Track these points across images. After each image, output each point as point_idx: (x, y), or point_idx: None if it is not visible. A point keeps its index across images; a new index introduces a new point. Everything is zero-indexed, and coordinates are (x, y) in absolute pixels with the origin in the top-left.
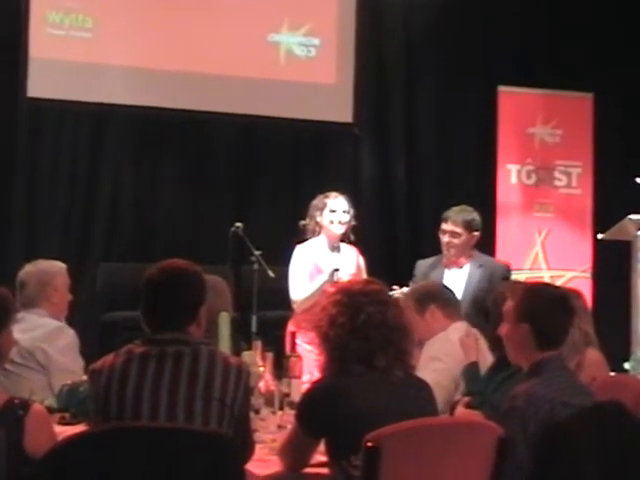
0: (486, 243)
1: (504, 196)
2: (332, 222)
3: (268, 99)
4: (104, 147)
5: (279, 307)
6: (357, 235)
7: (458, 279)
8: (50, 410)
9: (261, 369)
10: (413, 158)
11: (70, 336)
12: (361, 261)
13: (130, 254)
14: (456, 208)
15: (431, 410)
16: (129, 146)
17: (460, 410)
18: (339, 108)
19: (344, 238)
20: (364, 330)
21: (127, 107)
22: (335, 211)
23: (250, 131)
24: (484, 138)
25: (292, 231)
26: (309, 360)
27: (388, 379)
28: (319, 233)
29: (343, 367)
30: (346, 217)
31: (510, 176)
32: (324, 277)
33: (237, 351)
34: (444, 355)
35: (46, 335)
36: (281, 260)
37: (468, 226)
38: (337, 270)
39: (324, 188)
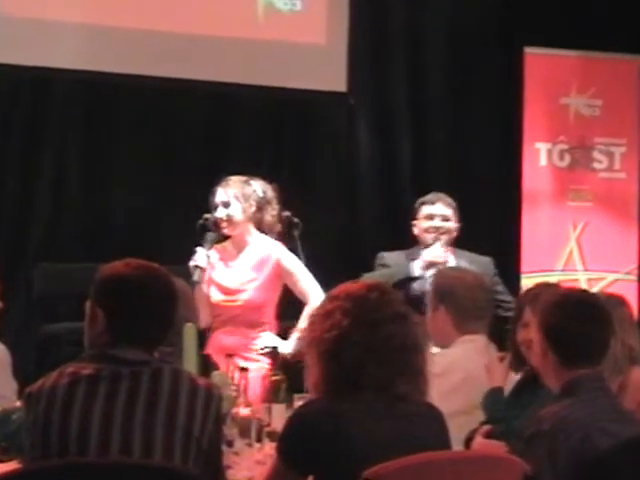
0: (509, 239)
1: (531, 181)
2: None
3: (244, 63)
4: (45, 121)
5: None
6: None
7: None
8: None
9: (234, 392)
10: (420, 135)
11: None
12: (286, 262)
13: (75, 252)
14: (433, 194)
15: (446, 445)
16: (76, 120)
17: (478, 441)
18: (330, 74)
19: (265, 231)
20: (383, 353)
21: (74, 72)
22: (215, 207)
23: (223, 102)
24: (507, 111)
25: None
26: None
27: (402, 407)
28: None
29: (350, 391)
30: (226, 211)
31: (539, 157)
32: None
33: (206, 370)
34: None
35: None
36: None
37: (456, 213)
38: None
39: (312, 171)
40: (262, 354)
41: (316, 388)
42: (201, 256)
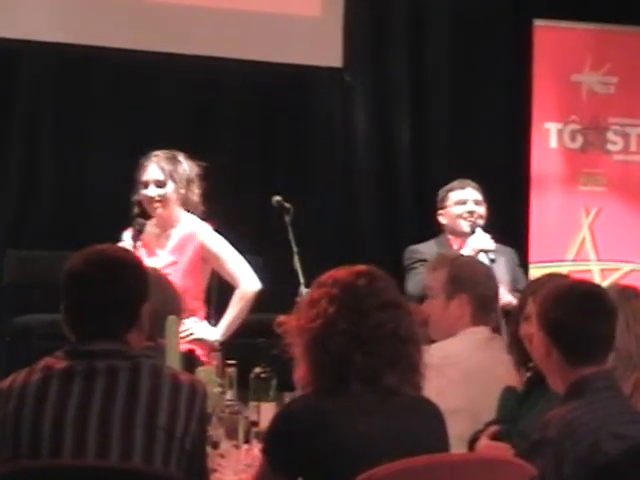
0: (516, 226)
1: (540, 164)
2: (146, 202)
3: (231, 35)
4: (15, 96)
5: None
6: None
7: (498, 269)
8: None
9: (220, 389)
10: (420, 115)
11: None
12: (212, 244)
13: (47, 238)
14: (458, 180)
15: (442, 442)
16: (48, 96)
17: (483, 443)
18: (325, 48)
19: (191, 211)
20: (371, 343)
21: (46, 45)
22: (146, 185)
23: (207, 79)
24: (515, 88)
25: (262, 211)
26: None
27: (391, 402)
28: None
29: (338, 383)
30: (160, 191)
31: (549, 138)
32: None
33: (190, 366)
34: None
35: None
36: (248, 247)
37: (484, 199)
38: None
39: (304, 154)
40: (189, 342)
41: (303, 381)
42: (127, 243)
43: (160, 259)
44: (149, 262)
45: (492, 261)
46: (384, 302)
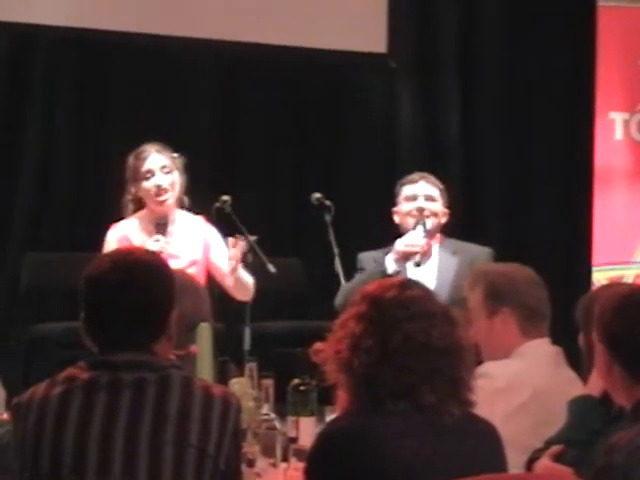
0: (578, 226)
1: (605, 158)
2: (152, 192)
3: (268, 21)
4: (30, 88)
5: (281, 316)
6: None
7: (426, 273)
8: None
9: (255, 403)
10: (472, 103)
11: None
12: (213, 236)
13: (68, 240)
14: (415, 173)
15: (498, 464)
16: (65, 87)
17: (543, 464)
18: (368, 33)
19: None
20: (401, 357)
21: (62, 30)
22: (152, 173)
23: (239, 66)
24: (576, 74)
25: (299, 209)
26: None
27: (438, 421)
28: (138, 210)
29: (374, 404)
30: (168, 178)
31: (614, 129)
32: None
33: (223, 377)
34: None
35: None
36: (285, 249)
37: (443, 195)
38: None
39: (346, 145)
40: None
41: (340, 405)
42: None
43: (182, 260)
44: (172, 264)
45: (417, 265)
46: (414, 313)
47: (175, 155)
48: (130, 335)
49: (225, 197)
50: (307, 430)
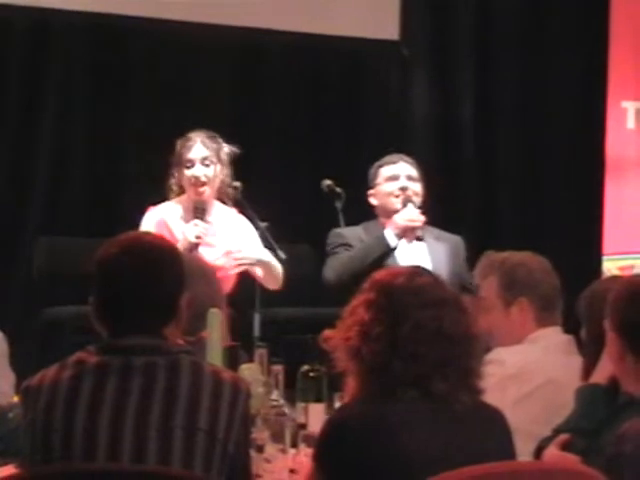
0: (589, 215)
1: (616, 147)
2: (190, 182)
3: (278, 6)
4: (44, 73)
5: (291, 302)
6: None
7: (417, 255)
8: None
9: (265, 389)
10: (486, 91)
11: None
12: (246, 228)
13: (81, 224)
14: (392, 155)
15: (506, 452)
16: (82, 72)
17: (551, 452)
18: (380, 19)
19: (222, 197)
20: (411, 345)
21: (77, 15)
22: (192, 163)
23: (252, 52)
24: (588, 62)
25: (312, 195)
26: None
27: (449, 409)
28: (180, 194)
29: (384, 392)
30: (207, 170)
31: (626, 118)
32: None
33: (233, 363)
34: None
35: None
36: (296, 235)
37: (422, 177)
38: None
39: (358, 135)
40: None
41: (348, 392)
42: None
43: (217, 249)
44: (205, 252)
45: (419, 239)
46: (425, 300)
47: (225, 146)
48: (140, 319)
49: (236, 183)
50: (316, 416)
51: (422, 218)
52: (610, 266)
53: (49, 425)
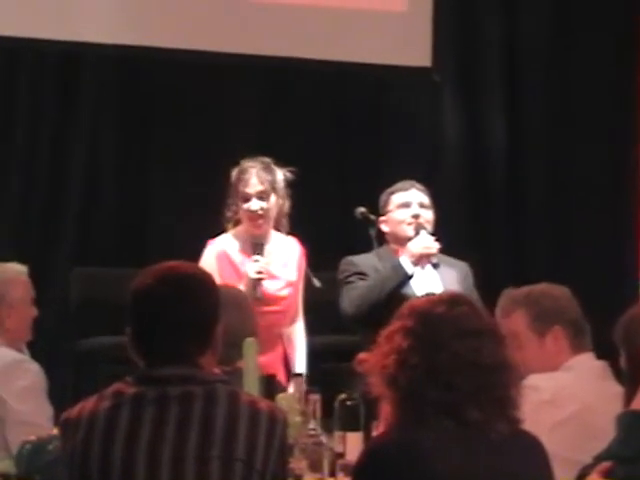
0: (624, 240)
1: None
2: (247, 216)
3: (309, 35)
4: (75, 104)
5: (328, 329)
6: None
7: (430, 282)
8: (6, 478)
9: (302, 418)
10: (517, 116)
11: (33, 374)
12: (301, 259)
13: (115, 256)
14: (403, 182)
15: (547, 478)
16: (111, 103)
17: (593, 479)
18: (412, 46)
19: (277, 227)
20: (447, 374)
21: (107, 47)
22: (248, 198)
23: (282, 81)
24: (623, 80)
25: (341, 223)
26: None
27: (485, 437)
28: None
29: (418, 419)
30: (263, 204)
31: None
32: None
33: (269, 392)
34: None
35: None
36: (329, 263)
37: (431, 203)
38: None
39: (389, 162)
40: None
41: (384, 418)
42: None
43: (280, 280)
44: (267, 285)
45: (435, 266)
46: (463, 330)
47: (279, 173)
48: (176, 349)
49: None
50: (354, 445)
51: (437, 245)
52: None
53: (87, 456)
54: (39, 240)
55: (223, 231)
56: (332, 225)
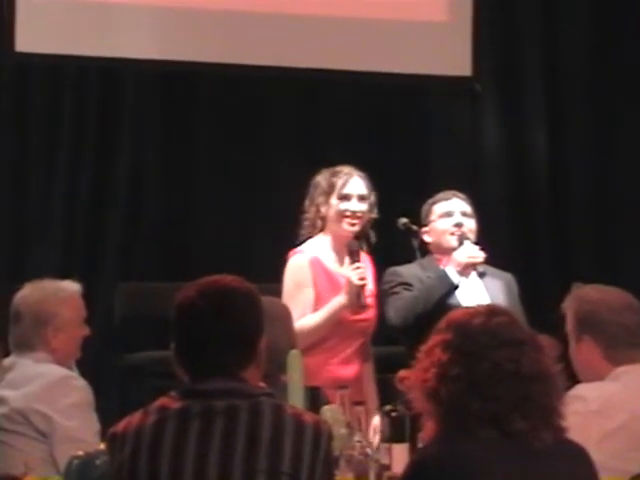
0: None
1: None
2: (344, 215)
3: (349, 47)
4: (118, 119)
5: (373, 341)
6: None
7: (476, 292)
8: None
9: (347, 430)
10: (559, 125)
11: (80, 390)
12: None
13: (159, 270)
14: (444, 192)
15: None
16: (153, 118)
17: None
18: (452, 56)
19: (360, 237)
20: (489, 385)
21: (148, 63)
22: (349, 197)
23: (323, 93)
24: None
25: (389, 233)
26: None
27: (528, 446)
28: (321, 230)
29: (462, 431)
30: (363, 206)
31: None
32: (337, 301)
33: (314, 405)
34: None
35: (45, 390)
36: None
37: (474, 213)
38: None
39: (429, 172)
40: None
41: (426, 433)
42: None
43: (368, 288)
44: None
45: (481, 275)
46: (502, 340)
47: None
48: (220, 363)
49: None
50: (400, 457)
51: (482, 254)
52: None
53: (135, 471)
54: (84, 256)
55: (297, 240)
56: (377, 236)
